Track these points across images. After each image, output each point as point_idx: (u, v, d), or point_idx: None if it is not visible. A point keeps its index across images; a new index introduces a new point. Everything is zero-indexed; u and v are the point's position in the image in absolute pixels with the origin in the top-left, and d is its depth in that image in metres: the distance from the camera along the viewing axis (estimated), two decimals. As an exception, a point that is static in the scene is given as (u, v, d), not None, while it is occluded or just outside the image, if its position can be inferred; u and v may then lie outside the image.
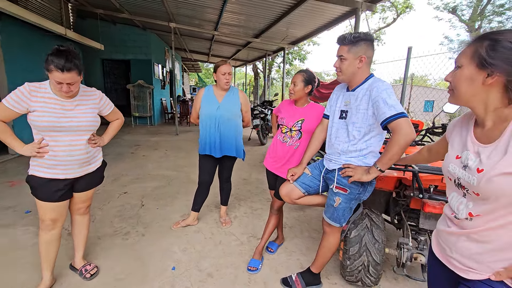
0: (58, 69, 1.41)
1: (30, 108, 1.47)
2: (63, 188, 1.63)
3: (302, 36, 7.23)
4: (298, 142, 2.00)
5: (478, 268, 0.80)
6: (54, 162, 1.56)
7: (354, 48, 1.48)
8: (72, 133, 1.58)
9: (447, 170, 0.89)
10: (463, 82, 0.79)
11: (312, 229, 2.75)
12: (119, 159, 5.01)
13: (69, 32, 5.88)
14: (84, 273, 1.89)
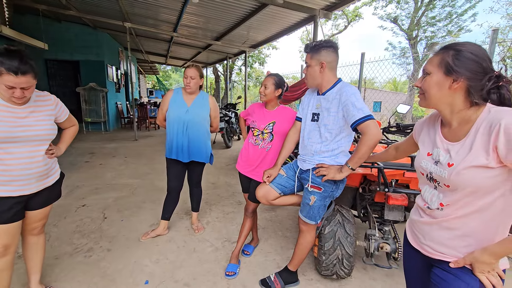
0: (11, 72, 1.25)
1: None
2: (16, 206, 1.44)
3: (262, 40, 7.38)
4: (270, 144, 2.04)
5: (448, 253, 0.91)
6: (8, 178, 1.38)
7: (316, 55, 1.60)
8: (28, 144, 1.41)
9: (419, 166, 1.00)
10: (432, 87, 0.89)
11: (284, 228, 2.82)
12: (72, 169, 4.57)
13: (5, 29, 5.23)
14: None
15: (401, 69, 13.33)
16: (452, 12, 12.33)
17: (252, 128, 2.11)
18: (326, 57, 1.59)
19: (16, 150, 1.39)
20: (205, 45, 9.22)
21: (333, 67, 1.63)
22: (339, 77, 1.68)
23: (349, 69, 4.59)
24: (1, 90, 1.33)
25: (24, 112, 1.42)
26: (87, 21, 7.75)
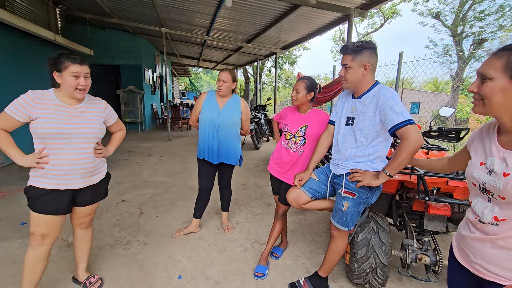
0: (76, 62, 1.47)
1: (33, 116, 1.44)
2: (62, 200, 1.55)
3: (294, 41, 7.33)
4: (302, 148, 2.03)
5: (504, 275, 0.83)
6: (57, 172, 1.50)
7: (358, 56, 1.53)
8: (77, 141, 1.53)
9: (471, 176, 0.92)
10: (495, 94, 0.80)
11: (314, 232, 2.77)
12: (113, 167, 4.91)
13: (58, 37, 5.75)
14: (88, 286, 1.84)
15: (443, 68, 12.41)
16: (505, 4, 11.23)
17: (284, 132, 2.11)
18: (369, 59, 1.53)
19: (66, 146, 1.50)
20: (236, 48, 9.38)
21: (374, 69, 1.58)
22: (376, 80, 1.63)
23: (385, 69, 4.40)
24: (66, 85, 1.48)
25: (76, 111, 1.55)
26: (127, 28, 8.28)
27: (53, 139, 1.47)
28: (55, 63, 1.47)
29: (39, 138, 1.48)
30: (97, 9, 6.61)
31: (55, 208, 1.54)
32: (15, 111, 1.42)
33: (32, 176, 1.52)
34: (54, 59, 1.48)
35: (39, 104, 1.45)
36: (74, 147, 1.53)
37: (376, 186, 1.59)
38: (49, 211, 1.53)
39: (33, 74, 5.73)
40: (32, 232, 1.55)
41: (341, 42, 16.61)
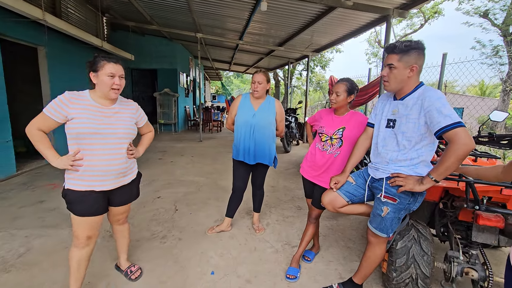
0: (111, 61, 1.52)
1: (69, 116, 1.46)
2: (98, 201, 1.57)
3: (327, 43, 7.22)
4: (339, 151, 1.99)
5: None
6: (92, 173, 1.52)
7: (405, 57, 1.46)
8: (112, 141, 1.55)
9: None
10: None
11: (347, 238, 2.69)
12: (149, 165, 5.17)
13: (105, 43, 6.23)
14: (130, 274, 1.96)
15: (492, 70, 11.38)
16: None
17: (320, 134, 2.09)
18: (417, 60, 1.46)
19: (101, 146, 1.51)
20: (268, 51, 9.45)
21: (420, 71, 1.51)
22: (421, 81, 1.55)
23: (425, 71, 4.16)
24: (102, 85, 1.52)
25: (110, 111, 1.58)
26: (165, 34, 8.72)
27: (88, 139, 1.49)
28: (92, 64, 1.53)
29: (74, 139, 1.49)
30: (139, 16, 7.05)
31: (95, 209, 1.56)
32: (52, 111, 1.44)
33: (68, 179, 1.53)
34: (91, 62, 1.54)
35: (75, 104, 1.48)
36: (108, 147, 1.54)
37: (419, 192, 1.51)
38: (89, 212, 1.55)
39: (82, 77, 6.24)
40: (76, 235, 1.57)
41: (376, 44, 16.02)
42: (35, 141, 1.47)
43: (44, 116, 1.45)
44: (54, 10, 5.19)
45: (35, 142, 1.47)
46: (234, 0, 5.06)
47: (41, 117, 1.46)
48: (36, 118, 1.47)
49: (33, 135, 1.47)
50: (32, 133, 1.47)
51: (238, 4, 5.25)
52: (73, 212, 1.54)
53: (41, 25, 4.32)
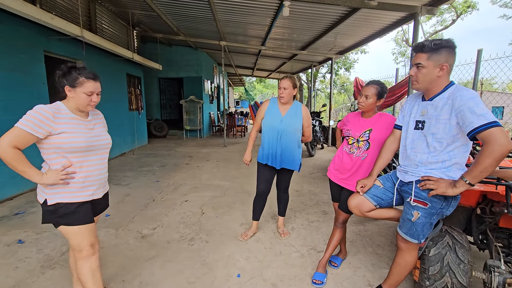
0: (90, 78, 1.43)
1: (54, 131, 1.36)
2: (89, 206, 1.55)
3: (351, 45, 7.09)
4: (366, 153, 1.95)
5: None
6: (87, 183, 1.49)
7: (435, 55, 1.41)
8: (100, 151, 1.56)
9: None
10: None
11: (375, 244, 2.60)
12: (177, 169, 5.37)
13: (135, 55, 6.60)
14: None
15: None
16: None
17: (346, 137, 2.07)
18: (447, 58, 1.40)
19: (93, 157, 1.52)
20: (290, 56, 9.46)
21: (450, 70, 1.45)
22: (451, 80, 1.49)
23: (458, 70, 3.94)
24: (79, 100, 1.44)
25: (90, 124, 1.54)
26: (190, 43, 9.07)
27: (81, 152, 1.44)
28: (68, 78, 1.41)
29: (57, 153, 1.41)
30: (167, 28, 7.41)
31: (91, 214, 1.54)
32: (34, 127, 1.30)
33: (55, 193, 1.43)
34: (65, 73, 1.42)
35: (59, 119, 1.39)
36: (97, 158, 1.54)
37: (453, 196, 1.44)
38: (88, 219, 1.51)
39: (114, 88, 6.67)
40: (79, 248, 1.50)
41: (404, 43, 15.41)
42: (14, 160, 1.29)
43: (22, 132, 1.28)
44: (90, 26, 5.61)
45: (13, 161, 1.29)
46: (256, 8, 5.16)
47: (18, 133, 1.28)
48: (10, 135, 1.28)
49: (9, 154, 1.27)
50: (7, 152, 1.27)
51: (260, 11, 5.34)
52: (70, 224, 1.45)
53: (79, 41, 4.69)
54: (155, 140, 9.46)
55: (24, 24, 3.90)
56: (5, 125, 3.55)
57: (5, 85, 3.63)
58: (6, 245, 2.49)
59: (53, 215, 1.44)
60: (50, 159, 1.42)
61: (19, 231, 2.75)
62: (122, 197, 3.75)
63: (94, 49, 5.53)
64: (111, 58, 6.30)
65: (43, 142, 1.38)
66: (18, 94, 3.80)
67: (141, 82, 8.20)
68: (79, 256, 1.51)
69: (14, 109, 3.71)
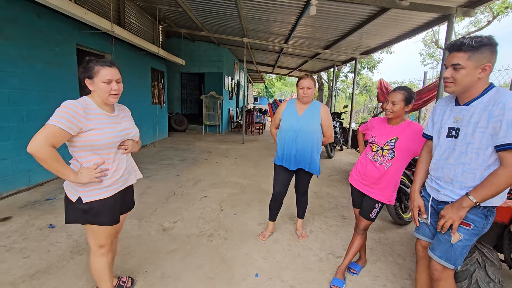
0: (106, 65, 1.40)
1: (85, 128, 1.34)
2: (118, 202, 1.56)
3: (377, 45, 6.88)
4: (390, 162, 1.90)
5: None
6: (116, 177, 1.49)
7: (477, 55, 1.25)
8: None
9: None
10: None
11: (396, 254, 2.54)
12: (196, 164, 5.47)
13: (160, 50, 6.74)
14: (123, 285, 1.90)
15: None
16: None
17: (371, 144, 2.02)
18: (490, 58, 1.26)
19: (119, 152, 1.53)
20: (313, 54, 9.33)
21: (491, 71, 1.32)
22: (490, 82, 1.35)
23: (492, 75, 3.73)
24: (100, 92, 1.42)
25: (118, 118, 1.54)
26: (213, 39, 9.14)
27: (108, 149, 1.44)
28: (86, 70, 1.41)
29: (90, 150, 1.39)
30: (191, 24, 7.51)
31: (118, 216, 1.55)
32: (69, 124, 1.27)
33: (87, 191, 1.41)
34: (84, 67, 1.42)
35: (89, 114, 1.37)
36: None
37: (491, 212, 1.36)
38: (117, 220, 1.54)
39: (139, 81, 6.86)
40: (100, 245, 1.52)
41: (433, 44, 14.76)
42: (51, 159, 1.24)
43: (55, 129, 1.24)
44: (119, 21, 5.79)
45: (50, 160, 1.24)
46: (282, 6, 5.12)
47: (54, 132, 1.24)
48: (45, 134, 1.22)
49: (46, 153, 1.22)
50: (45, 151, 1.22)
51: (286, 9, 5.29)
52: (101, 224, 1.46)
53: (108, 35, 4.85)
54: (175, 133, 9.67)
55: (59, 19, 4.08)
56: (42, 114, 3.80)
57: (42, 77, 3.83)
58: (39, 228, 2.65)
59: (85, 214, 1.42)
60: (81, 157, 1.39)
61: (50, 216, 2.91)
62: (144, 189, 3.87)
63: (121, 43, 5.70)
64: (137, 52, 6.48)
65: (73, 139, 1.34)
66: (53, 85, 4.00)
67: (164, 76, 8.38)
68: (99, 252, 1.53)
69: (49, 99, 3.92)
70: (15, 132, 3.48)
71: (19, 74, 3.50)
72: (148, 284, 1.97)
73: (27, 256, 2.21)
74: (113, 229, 1.54)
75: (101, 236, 1.50)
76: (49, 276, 1.99)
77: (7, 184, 3.40)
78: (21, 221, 2.79)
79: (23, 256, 2.21)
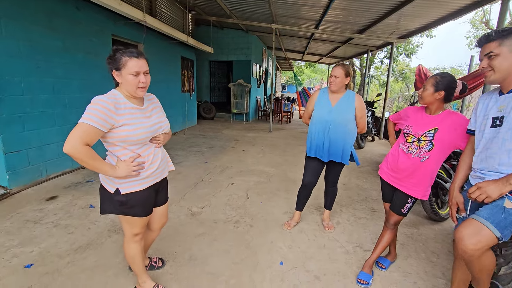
0: (133, 56, 1.35)
1: (117, 124, 1.33)
2: (152, 194, 1.59)
3: (417, 28, 6.36)
4: (427, 155, 1.77)
5: None
6: (152, 170, 1.50)
7: (507, 41, 1.25)
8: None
9: None
10: None
11: (429, 251, 2.41)
12: (223, 152, 5.57)
13: (190, 39, 6.83)
14: (155, 265, 2.02)
15: None
16: None
17: (405, 134, 1.90)
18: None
19: (152, 145, 1.52)
20: (345, 39, 8.89)
21: None
22: None
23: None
24: (127, 85, 1.37)
25: (148, 111, 1.51)
26: (242, 26, 9.04)
27: (140, 143, 1.44)
28: (113, 61, 1.37)
29: (122, 146, 1.40)
30: (220, 11, 7.48)
31: (152, 204, 1.60)
32: (101, 122, 1.26)
33: (123, 183, 1.43)
34: (111, 57, 1.38)
35: (120, 110, 1.35)
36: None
37: None
38: (150, 211, 1.58)
39: (170, 70, 7.04)
40: (135, 233, 1.57)
41: (483, 25, 13.34)
42: (89, 158, 1.26)
43: (89, 127, 1.24)
44: (151, 11, 5.92)
45: (88, 160, 1.26)
46: (313, -12, 4.89)
47: (87, 130, 1.24)
48: (78, 133, 1.23)
49: (83, 153, 1.24)
50: (80, 151, 1.23)
51: (317, -8, 5.05)
52: (138, 215, 1.51)
53: (140, 25, 5.00)
54: (203, 121, 9.89)
55: (96, 10, 4.26)
56: (82, 102, 4.05)
57: (82, 66, 4.07)
58: (81, 208, 2.89)
59: (122, 206, 1.45)
60: (116, 151, 1.41)
61: (90, 197, 3.15)
62: (174, 174, 4.03)
63: (152, 33, 5.84)
64: (167, 41, 6.62)
65: (105, 135, 1.35)
66: (92, 74, 4.24)
67: (193, 65, 8.52)
68: (132, 239, 1.59)
69: (88, 88, 4.17)
70: (59, 118, 3.77)
71: (62, 64, 3.75)
72: (177, 265, 2.07)
73: (71, 232, 2.42)
74: (146, 220, 1.58)
75: (135, 226, 1.55)
76: (90, 251, 2.17)
77: (54, 166, 3.72)
78: (65, 200, 3.05)
79: (67, 232, 2.42)
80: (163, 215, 1.78)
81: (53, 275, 1.90)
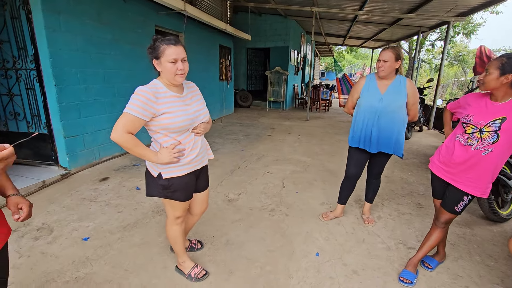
0: (171, 44, 1.37)
1: (158, 112, 1.39)
2: (194, 180, 1.65)
3: (480, 4, 5.58)
4: (491, 147, 1.56)
5: None
6: (192, 157, 1.54)
7: None
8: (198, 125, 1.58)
9: None
10: None
11: (485, 254, 2.18)
12: (260, 140, 5.58)
13: (228, 26, 6.84)
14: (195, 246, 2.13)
15: None
16: None
17: (464, 124, 1.69)
18: None
19: (192, 132, 1.55)
20: (392, 20, 8.18)
21: None
22: None
23: None
24: (166, 72, 1.40)
25: (187, 99, 1.53)
26: (280, 11, 8.80)
27: (181, 131, 1.47)
28: (153, 50, 1.41)
29: (164, 133, 1.45)
30: (258, -3, 7.33)
31: (193, 192, 1.66)
32: (142, 111, 1.33)
33: (165, 167, 1.49)
34: (151, 47, 1.42)
35: (160, 99, 1.40)
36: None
37: None
38: (191, 196, 1.66)
39: (208, 58, 7.15)
40: (177, 216, 1.66)
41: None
42: (132, 145, 1.36)
43: (131, 117, 1.32)
44: (191, 0, 6.01)
45: (132, 147, 1.36)
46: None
47: (130, 120, 1.33)
48: (123, 122, 1.32)
49: (127, 141, 1.34)
50: (125, 138, 1.33)
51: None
52: (179, 199, 1.57)
53: (181, 15, 5.11)
54: (240, 109, 9.98)
55: (140, 2, 4.45)
56: (129, 91, 4.28)
57: (129, 57, 4.32)
58: (128, 189, 3.12)
59: (165, 190, 1.53)
60: (158, 138, 1.47)
61: (137, 179, 3.39)
62: (211, 161, 4.15)
63: (192, 22, 5.95)
64: (206, 30, 6.70)
65: (148, 124, 1.42)
66: (138, 64, 4.48)
67: (231, 53, 8.56)
68: (175, 222, 1.68)
69: (135, 77, 4.43)
70: (109, 106, 4.07)
71: (112, 55, 4.01)
72: (215, 247, 2.15)
73: (120, 211, 2.64)
74: (187, 204, 1.66)
75: (177, 209, 1.63)
76: (136, 230, 2.34)
77: (105, 150, 4.07)
78: (115, 181, 3.32)
79: (117, 210, 2.65)
80: (204, 201, 1.84)
81: (105, 248, 2.10)
